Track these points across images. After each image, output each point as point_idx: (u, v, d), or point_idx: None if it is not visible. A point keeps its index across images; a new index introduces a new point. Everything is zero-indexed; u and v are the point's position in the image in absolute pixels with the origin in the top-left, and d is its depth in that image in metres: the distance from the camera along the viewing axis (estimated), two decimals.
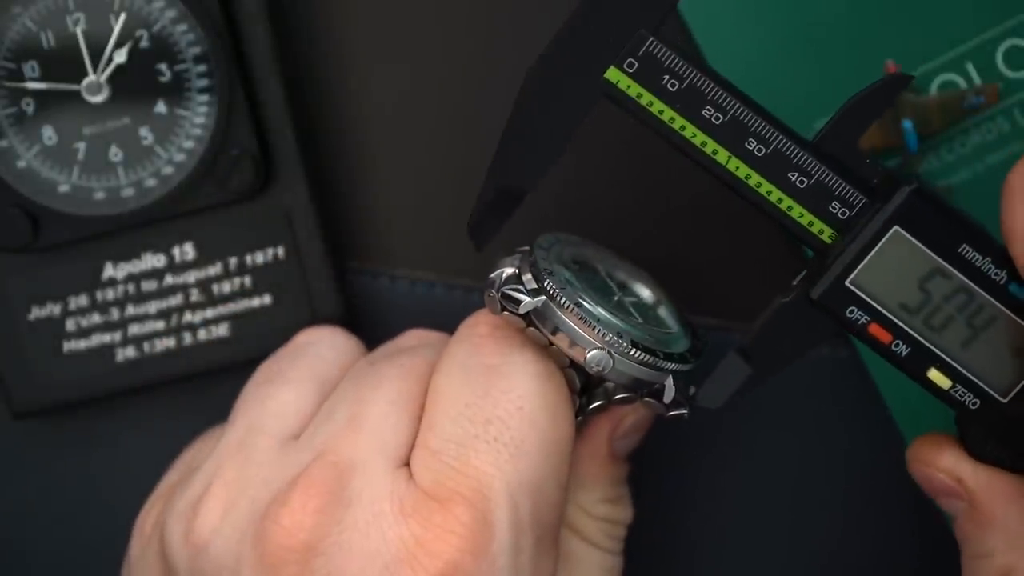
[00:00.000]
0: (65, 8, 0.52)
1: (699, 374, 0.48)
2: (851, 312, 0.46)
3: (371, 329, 0.55)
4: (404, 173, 0.56)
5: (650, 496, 0.56)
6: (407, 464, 0.46)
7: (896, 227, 0.45)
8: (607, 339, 0.46)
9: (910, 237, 0.45)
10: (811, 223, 0.46)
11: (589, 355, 0.46)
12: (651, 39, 0.45)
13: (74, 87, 0.53)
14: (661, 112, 0.45)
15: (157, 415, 0.55)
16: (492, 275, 0.47)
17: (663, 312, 0.49)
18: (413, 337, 0.51)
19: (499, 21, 0.55)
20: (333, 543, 0.45)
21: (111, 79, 0.53)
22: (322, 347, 0.50)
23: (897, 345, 0.46)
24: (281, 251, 0.54)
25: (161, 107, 0.53)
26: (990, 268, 0.45)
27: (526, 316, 0.46)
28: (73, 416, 0.56)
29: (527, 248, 0.47)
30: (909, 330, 0.46)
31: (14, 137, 0.53)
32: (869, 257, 0.45)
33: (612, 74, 0.45)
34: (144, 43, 0.52)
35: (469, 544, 0.44)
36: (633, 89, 0.45)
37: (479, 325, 0.47)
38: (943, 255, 0.45)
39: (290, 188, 0.54)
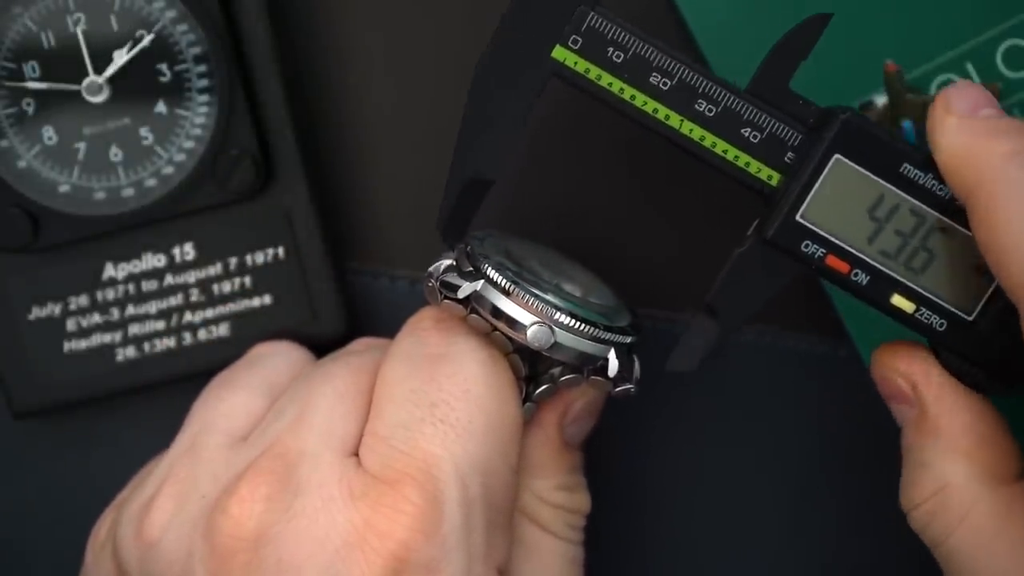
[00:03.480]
0: (65, 8, 0.52)
1: (644, 357, 0.49)
2: (806, 247, 0.46)
3: (371, 329, 0.55)
4: (404, 173, 0.56)
5: (644, 496, 0.56)
6: (356, 454, 0.46)
7: (837, 155, 0.46)
8: (546, 313, 0.47)
9: (851, 163, 0.46)
10: (770, 176, 0.47)
11: (530, 331, 0.47)
12: (592, 13, 0.46)
13: (74, 87, 0.53)
14: (610, 84, 0.46)
15: (157, 415, 0.55)
16: (431, 268, 0.48)
17: (600, 294, 0.50)
18: (361, 343, 0.52)
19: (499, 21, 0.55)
20: (282, 530, 0.45)
21: (111, 79, 0.53)
22: (275, 358, 0.52)
23: (856, 275, 0.47)
24: (281, 251, 0.54)
25: (161, 107, 0.53)
26: (933, 184, 0.46)
27: (466, 301, 0.47)
28: (73, 416, 0.56)
29: (463, 243, 0.48)
30: (866, 258, 0.47)
31: (14, 137, 0.53)
32: (815, 188, 0.46)
33: (559, 52, 0.46)
34: (144, 43, 0.52)
35: (419, 523, 0.44)
36: (581, 65, 0.46)
37: (423, 320, 0.48)
38: (886, 177, 0.46)
39: (290, 188, 0.54)
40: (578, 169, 0.55)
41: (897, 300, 0.47)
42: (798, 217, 0.46)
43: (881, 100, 0.53)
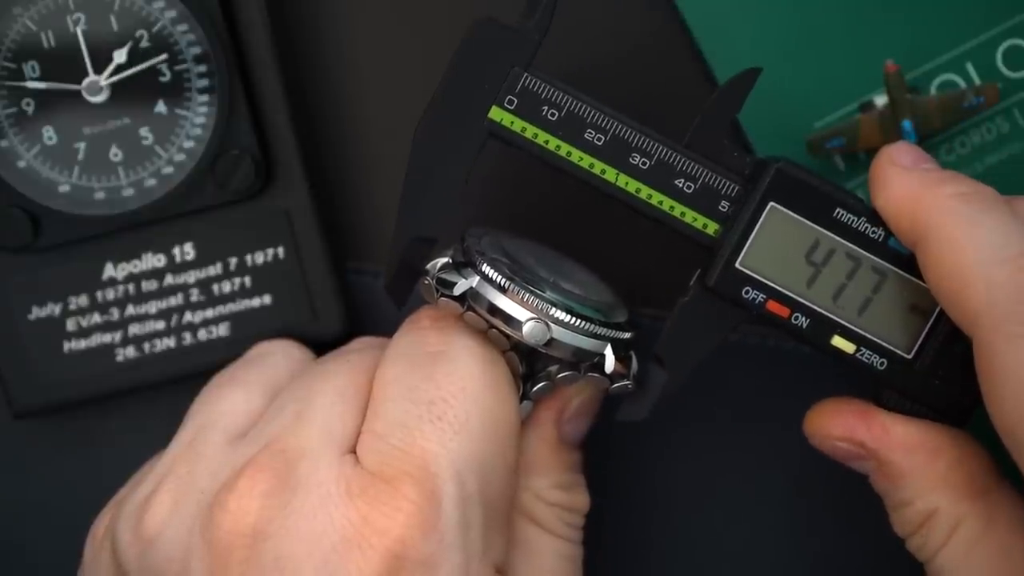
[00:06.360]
0: (65, 8, 0.52)
1: (641, 356, 0.49)
2: (747, 293, 0.47)
3: (371, 329, 0.55)
4: (403, 174, 0.55)
5: (644, 495, 0.56)
6: (354, 452, 0.47)
7: (771, 203, 0.47)
8: (542, 309, 0.47)
9: (786, 210, 0.47)
10: (705, 225, 0.48)
11: (526, 327, 0.47)
12: (525, 75, 0.47)
13: (74, 87, 0.53)
14: (547, 142, 0.47)
15: (157, 415, 0.55)
16: (428, 265, 0.48)
17: (597, 292, 0.50)
18: (360, 342, 0.52)
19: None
20: (280, 527, 0.45)
21: (111, 79, 0.53)
22: (275, 357, 0.52)
23: (796, 318, 0.48)
24: (281, 251, 0.54)
25: (161, 107, 0.53)
26: (866, 227, 0.47)
27: (462, 298, 0.47)
28: (73, 416, 0.56)
29: (460, 240, 0.49)
30: (805, 302, 0.48)
31: (14, 137, 0.53)
32: (753, 236, 0.47)
33: (495, 113, 0.47)
34: (144, 43, 0.52)
35: (417, 520, 0.45)
36: (517, 124, 0.47)
37: (421, 319, 0.49)
38: (821, 222, 0.47)
39: (290, 188, 0.54)
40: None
41: (837, 341, 0.48)
42: (738, 265, 0.47)
43: (881, 100, 0.53)
